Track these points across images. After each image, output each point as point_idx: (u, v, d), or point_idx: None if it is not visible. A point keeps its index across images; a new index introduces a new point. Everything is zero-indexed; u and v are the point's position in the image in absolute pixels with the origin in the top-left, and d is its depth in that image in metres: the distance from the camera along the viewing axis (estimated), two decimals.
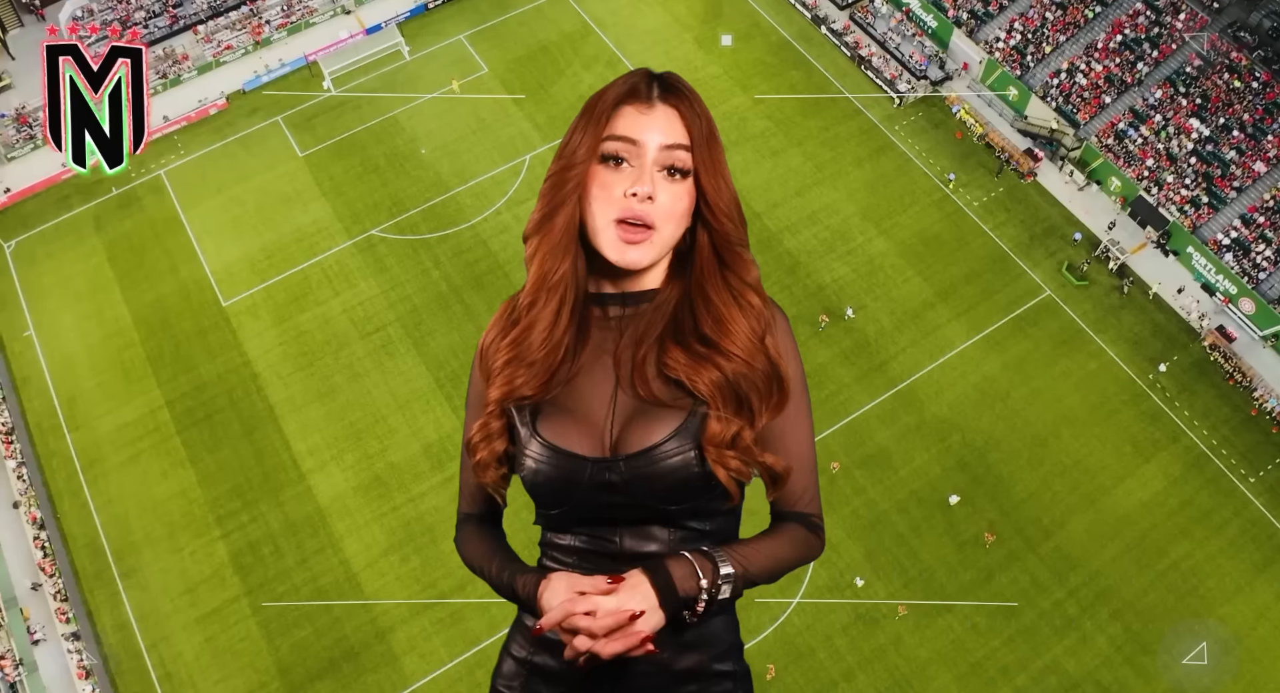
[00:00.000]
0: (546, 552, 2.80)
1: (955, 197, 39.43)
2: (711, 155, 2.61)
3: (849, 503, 32.51)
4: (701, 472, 2.58)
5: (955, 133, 41.37)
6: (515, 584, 2.68)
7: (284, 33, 46.74)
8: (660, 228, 2.56)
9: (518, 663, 2.77)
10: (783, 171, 40.05)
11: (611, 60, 43.89)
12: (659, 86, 2.57)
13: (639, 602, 2.42)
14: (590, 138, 2.54)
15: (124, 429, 35.26)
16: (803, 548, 2.83)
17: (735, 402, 2.60)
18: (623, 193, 2.52)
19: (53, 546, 33.54)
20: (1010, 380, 35.12)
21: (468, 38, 45.37)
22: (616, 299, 2.72)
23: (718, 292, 2.68)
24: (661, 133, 2.53)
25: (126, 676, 31.23)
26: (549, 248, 2.61)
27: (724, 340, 2.62)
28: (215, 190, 40.95)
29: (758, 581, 2.67)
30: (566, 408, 2.65)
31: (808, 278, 37.16)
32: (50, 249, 40.48)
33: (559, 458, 2.60)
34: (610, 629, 2.39)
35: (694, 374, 2.58)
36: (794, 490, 2.86)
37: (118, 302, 38.43)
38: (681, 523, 2.68)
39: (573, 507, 2.66)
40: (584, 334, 2.71)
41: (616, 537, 2.67)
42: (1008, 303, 36.72)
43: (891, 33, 44.51)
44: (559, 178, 2.58)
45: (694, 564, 2.52)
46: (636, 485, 2.58)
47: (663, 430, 2.57)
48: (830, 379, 34.79)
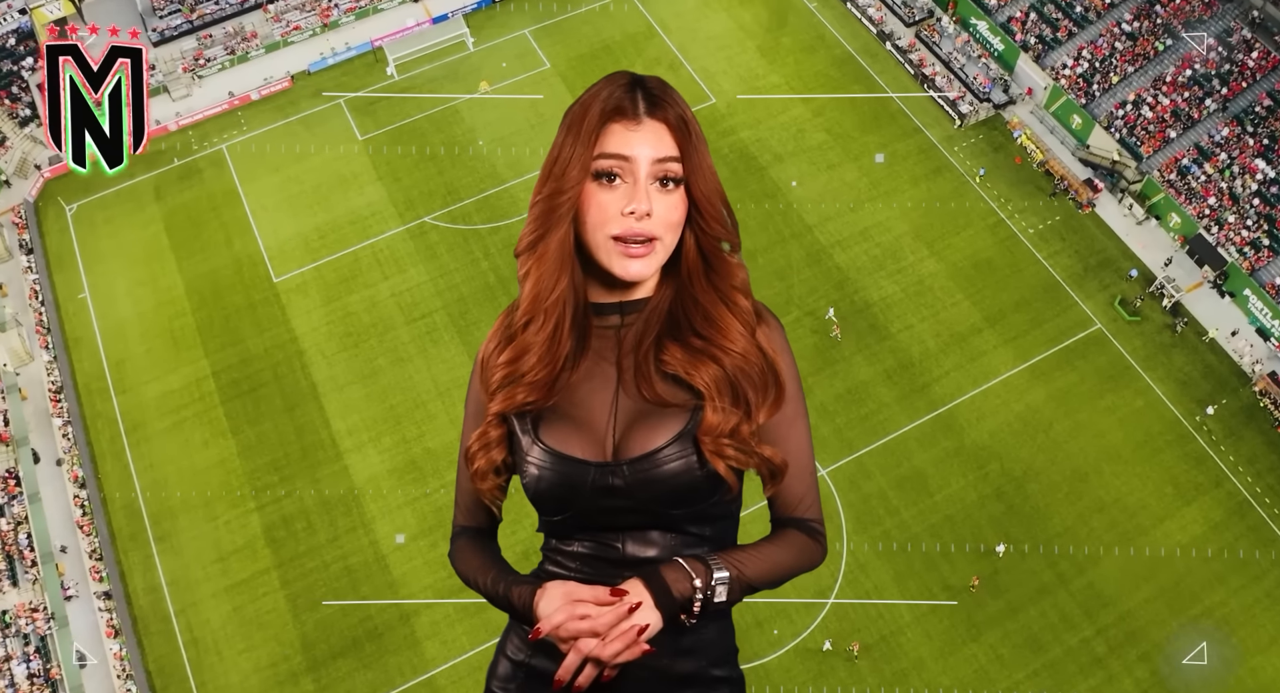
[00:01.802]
0: (549, 558, 2.80)
1: (1010, 222, 39.03)
2: (700, 161, 2.58)
3: (881, 524, 32.29)
4: (703, 475, 2.59)
5: (1015, 158, 40.95)
6: (511, 595, 2.70)
7: (352, 17, 47.31)
8: (662, 237, 2.57)
9: (514, 665, 2.79)
10: (837, 186, 39.87)
11: (673, 63, 43.94)
12: (644, 101, 2.54)
13: (635, 597, 2.47)
14: (580, 158, 2.53)
15: (169, 396, 35.86)
16: (802, 554, 2.81)
17: (733, 395, 2.62)
18: (620, 211, 2.53)
19: (92, 505, 34.20)
20: (1054, 412, 34.69)
21: (532, 33, 45.64)
22: (615, 308, 2.73)
23: (705, 293, 2.69)
24: (652, 147, 2.52)
25: (154, 638, 31.75)
26: (544, 268, 2.62)
27: (718, 337, 2.65)
28: (274, 168, 41.54)
29: (756, 585, 2.66)
30: (568, 414, 2.66)
31: (855, 294, 36.95)
32: (110, 215, 41.27)
33: (562, 464, 2.62)
34: (611, 625, 2.42)
35: (692, 368, 2.61)
36: (792, 495, 2.84)
37: (172, 271, 39.10)
38: (682, 528, 2.69)
39: (575, 513, 2.66)
40: (584, 342, 2.72)
41: (619, 542, 2.68)
42: (1057, 333, 36.27)
43: (957, 53, 44.17)
44: (552, 200, 2.57)
45: (687, 568, 2.54)
46: (639, 489, 2.59)
47: (665, 435, 2.59)
48: (871, 398, 34.57)
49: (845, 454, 33.54)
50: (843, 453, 33.56)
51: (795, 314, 36.43)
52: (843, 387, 34.83)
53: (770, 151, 40.95)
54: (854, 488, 32.93)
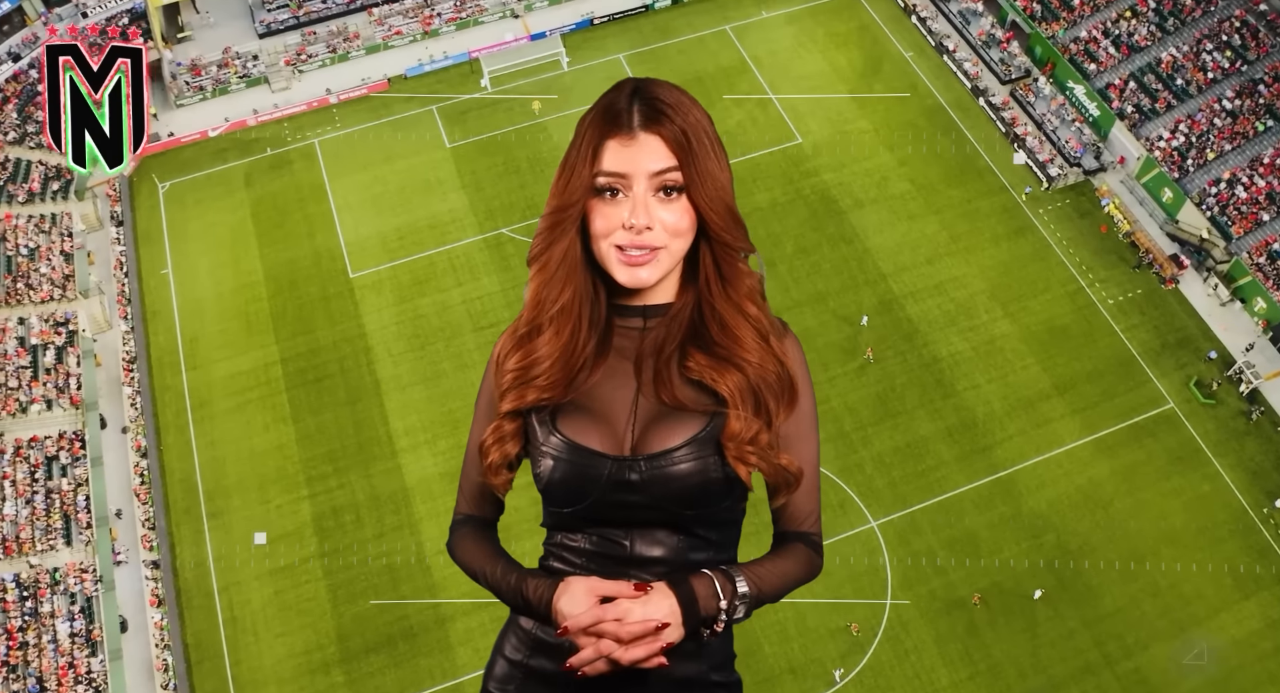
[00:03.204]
0: (551, 552, 2.80)
1: (1090, 291, 38.36)
2: (700, 168, 2.56)
3: (927, 582, 31.72)
4: (719, 477, 2.59)
5: (1101, 226, 40.31)
6: (525, 588, 2.66)
7: (452, 27, 48.35)
8: (668, 245, 2.58)
9: (512, 665, 2.78)
10: (916, 237, 39.59)
11: (763, 100, 44.15)
12: (639, 115, 2.54)
13: (664, 615, 2.44)
14: (581, 175, 2.56)
15: (237, 377, 36.65)
16: (807, 567, 2.83)
17: (755, 403, 2.63)
18: (621, 224, 2.55)
19: (151, 475, 35.00)
20: (1116, 488, 33.87)
21: (626, 57, 46.20)
22: (637, 312, 2.75)
23: (721, 301, 2.70)
24: (647, 161, 2.52)
25: (195, 611, 32.30)
26: (545, 278, 2.67)
27: (736, 346, 2.66)
28: (362, 166, 42.45)
29: (767, 600, 2.67)
30: (587, 409, 2.68)
31: (924, 347, 36.56)
32: (200, 196, 42.49)
33: (579, 455, 2.62)
34: (637, 636, 2.41)
35: (717, 375, 2.62)
36: (800, 510, 2.86)
37: (253, 256, 40.08)
38: (691, 530, 2.68)
39: (588, 506, 2.66)
40: (606, 344, 2.74)
41: (627, 540, 2.68)
42: (1127, 409, 35.48)
43: (1050, 115, 43.73)
44: (557, 214, 2.61)
45: (716, 584, 2.53)
46: (655, 486, 2.59)
47: (684, 434, 2.60)
48: (930, 454, 34.09)
49: (898, 509, 33.07)
50: (895, 507, 33.09)
51: (861, 361, 36.15)
52: (902, 440, 34.40)
53: (851, 196, 40.83)
54: (903, 543, 32.43)
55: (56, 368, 36.77)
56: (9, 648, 31.00)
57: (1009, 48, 46.11)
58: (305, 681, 30.84)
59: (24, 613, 31.57)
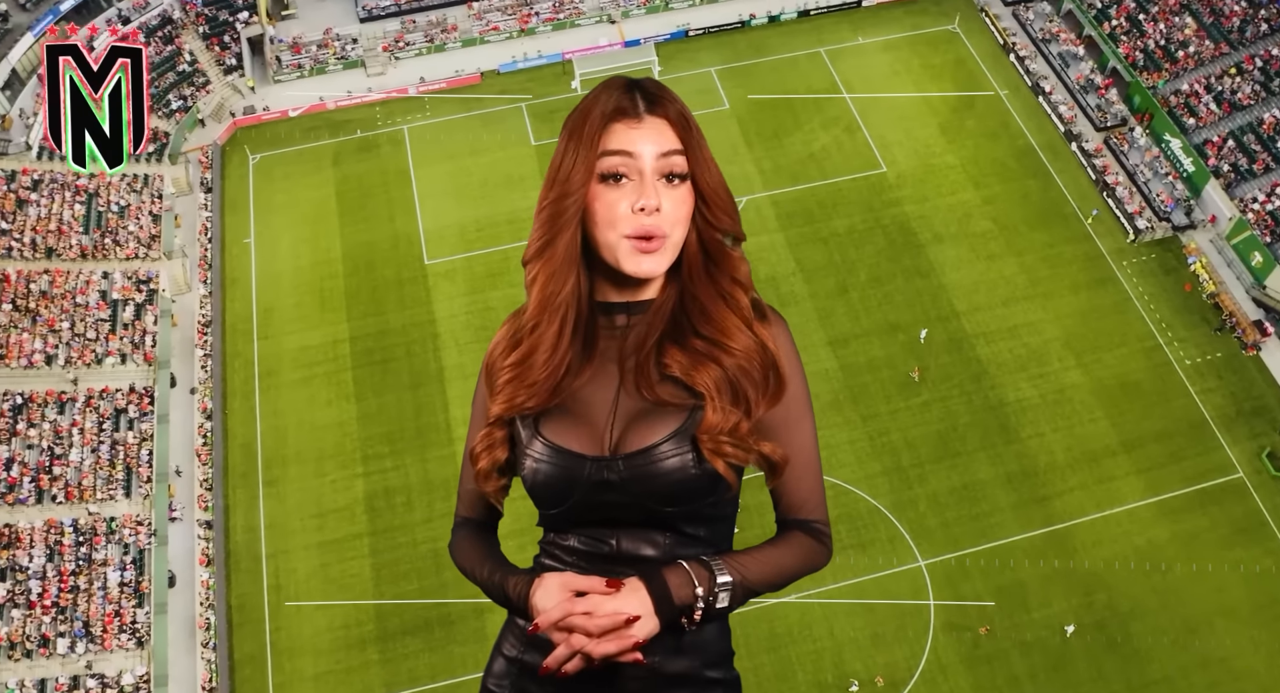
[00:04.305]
0: (545, 551, 2.80)
1: (1168, 349, 37.45)
2: (702, 154, 2.58)
3: (971, 628, 31.16)
4: (699, 473, 2.57)
5: (1185, 284, 39.35)
6: (507, 586, 2.70)
7: (549, 27, 48.90)
8: (671, 233, 2.57)
9: (509, 662, 2.77)
10: (994, 278, 39.02)
11: (850, 126, 43.91)
12: (644, 100, 2.56)
13: (635, 607, 2.43)
14: (585, 160, 2.54)
15: (306, 351, 37.36)
16: (807, 556, 2.76)
17: (733, 395, 2.61)
18: (629, 208, 2.53)
19: (213, 437, 35.81)
20: (1175, 554, 32.96)
21: (718, 71, 46.28)
22: (622, 308, 2.73)
23: (704, 289, 2.67)
24: (655, 142, 2.53)
25: (242, 574, 32.94)
26: (551, 272, 2.63)
27: (719, 337, 2.63)
28: (448, 156, 43.07)
29: (759, 590, 2.63)
30: (569, 411, 2.68)
31: (991, 390, 35.98)
32: (289, 171, 43.46)
33: (560, 457, 2.62)
34: (606, 630, 2.40)
35: (693, 370, 2.59)
36: (797, 497, 2.80)
37: (333, 234, 40.87)
38: (677, 527, 2.66)
39: (571, 506, 2.65)
40: (590, 343, 2.72)
41: (613, 539, 2.67)
42: (1195, 473, 34.53)
43: (1143, 166, 42.85)
44: (558, 204, 2.58)
45: (690, 573, 2.51)
46: (634, 485, 2.58)
47: (662, 431, 2.58)
48: (986, 498, 33.53)
49: (948, 550, 32.56)
50: (946, 549, 32.59)
51: (925, 397, 35.71)
52: (959, 481, 33.89)
53: (931, 230, 40.39)
54: (949, 586, 31.91)
55: (134, 324, 37.84)
56: (60, 590, 31.89)
57: (1107, 94, 45.33)
58: (341, 654, 31.27)
59: (78, 558, 32.48)
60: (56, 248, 38.83)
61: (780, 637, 30.81)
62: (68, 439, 34.49)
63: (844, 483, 33.31)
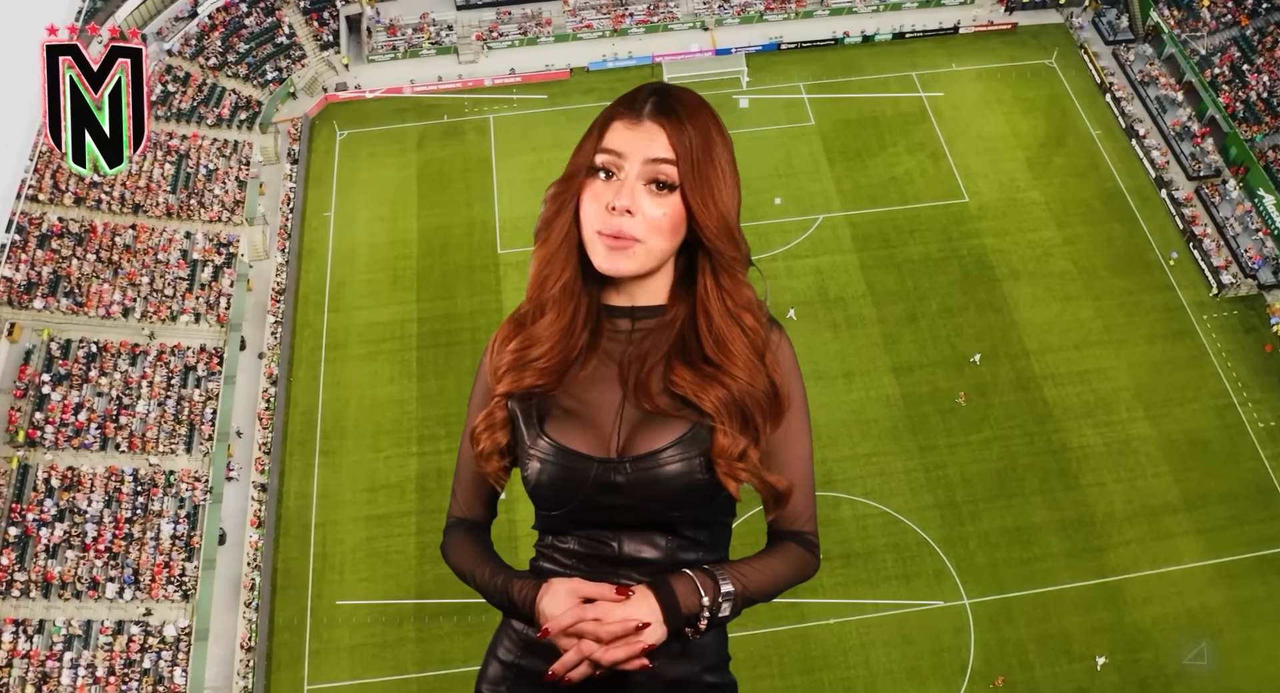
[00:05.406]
0: (542, 554, 2.78)
1: (1241, 409, 36.42)
2: (700, 173, 2.52)
3: (1010, 673, 30.60)
4: (704, 480, 2.58)
5: (1266, 345, 38.23)
6: (511, 590, 2.66)
7: (641, 29, 49.14)
8: (646, 240, 2.53)
9: (504, 667, 2.75)
10: (1068, 319, 38.29)
11: (936, 152, 43.43)
12: (651, 105, 2.53)
13: (644, 615, 2.45)
14: (586, 152, 2.58)
15: (373, 327, 37.97)
16: (800, 566, 2.80)
17: (740, 419, 2.61)
18: (605, 205, 2.52)
19: (276, 403, 36.54)
20: (1229, 620, 32.02)
21: (806, 87, 46.09)
22: (625, 312, 2.72)
23: (719, 313, 2.66)
24: (645, 147, 2.51)
25: (290, 540, 33.54)
26: (546, 253, 2.66)
27: (726, 362, 2.62)
28: (530, 148, 43.49)
29: (756, 599, 2.65)
30: (573, 411, 2.66)
31: (1054, 433, 35.29)
32: (374, 149, 44.21)
33: (566, 457, 2.61)
34: (617, 636, 2.41)
35: (701, 391, 2.59)
36: (793, 510, 2.81)
37: (411, 215, 41.48)
38: (678, 531, 2.67)
39: (574, 508, 2.64)
40: (596, 342, 2.72)
41: (615, 541, 2.65)
42: (1257, 539, 33.52)
43: (1233, 220, 41.75)
44: (561, 187, 2.63)
45: (696, 582, 2.53)
46: (640, 488, 2.57)
47: (669, 436, 2.58)
48: (1038, 543, 32.90)
49: (994, 592, 32.00)
50: (992, 590, 32.03)
51: (986, 434, 35.16)
52: (1012, 522, 33.30)
53: (1008, 265, 39.77)
54: (992, 628, 31.37)
55: (211, 285, 38.77)
56: (115, 536, 32.75)
57: (1202, 143, 44.25)
58: (377, 628, 31.69)
59: (135, 507, 33.32)
60: (144, 204, 39.93)
61: (815, 660, 30.55)
62: (136, 391, 35.42)
63: (895, 513, 32.93)
